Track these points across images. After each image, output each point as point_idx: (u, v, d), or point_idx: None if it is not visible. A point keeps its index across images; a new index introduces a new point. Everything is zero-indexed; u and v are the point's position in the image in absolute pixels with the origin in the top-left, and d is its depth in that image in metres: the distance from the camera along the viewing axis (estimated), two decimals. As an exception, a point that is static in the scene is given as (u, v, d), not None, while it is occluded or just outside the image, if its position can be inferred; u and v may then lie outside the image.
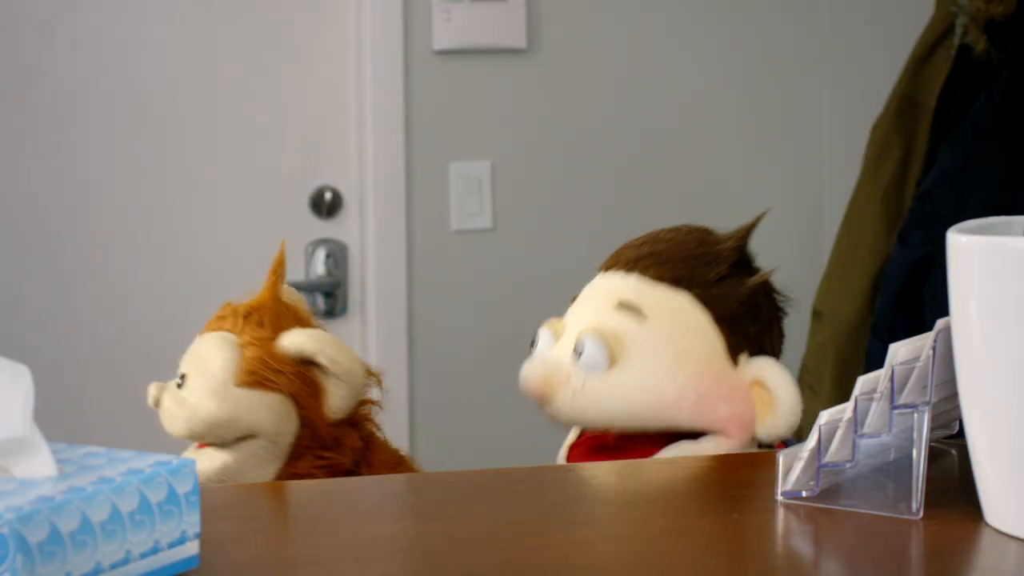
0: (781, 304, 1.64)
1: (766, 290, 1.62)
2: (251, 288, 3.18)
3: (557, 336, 1.59)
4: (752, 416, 1.56)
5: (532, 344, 1.61)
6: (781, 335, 1.65)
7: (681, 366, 1.54)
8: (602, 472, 1.43)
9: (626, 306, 1.57)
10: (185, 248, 3.07)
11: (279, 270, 1.75)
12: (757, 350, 1.59)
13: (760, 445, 1.58)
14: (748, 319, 1.59)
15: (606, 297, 1.59)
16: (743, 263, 1.61)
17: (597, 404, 1.55)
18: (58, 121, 3.00)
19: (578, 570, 1.13)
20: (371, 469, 1.62)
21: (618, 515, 1.26)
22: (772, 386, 1.56)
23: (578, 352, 1.55)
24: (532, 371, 1.57)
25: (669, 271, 1.58)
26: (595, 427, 1.58)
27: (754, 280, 1.59)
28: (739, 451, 1.55)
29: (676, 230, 1.65)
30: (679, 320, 1.56)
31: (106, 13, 3.01)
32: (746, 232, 1.62)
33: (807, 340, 3.14)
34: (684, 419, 1.54)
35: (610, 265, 1.63)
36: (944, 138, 2.92)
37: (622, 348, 1.54)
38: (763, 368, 1.57)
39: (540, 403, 1.57)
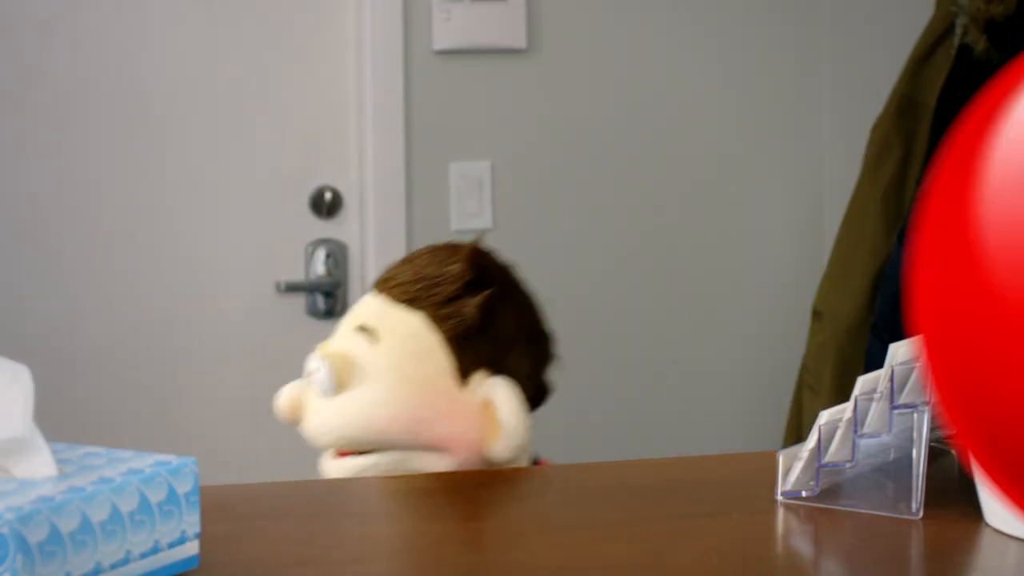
0: (534, 320, 1.68)
1: (515, 308, 1.66)
2: (250, 288, 3.18)
3: None
4: (478, 435, 1.59)
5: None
6: (536, 351, 1.69)
7: (400, 388, 1.60)
8: (602, 472, 1.43)
9: (364, 329, 1.64)
10: (185, 248, 3.07)
11: None
12: (498, 369, 1.62)
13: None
14: (483, 338, 1.63)
15: (353, 319, 1.67)
16: (479, 282, 1.65)
17: (324, 427, 1.62)
18: (58, 121, 3.00)
19: (578, 570, 1.13)
20: None
21: (618, 515, 1.26)
22: (497, 408, 1.60)
23: (312, 377, 1.63)
24: (279, 397, 1.66)
25: (406, 292, 1.65)
26: (335, 447, 1.64)
27: (477, 299, 1.62)
28: (464, 467, 1.58)
29: (432, 249, 1.72)
30: (409, 342, 1.62)
31: (106, 13, 3.01)
32: (472, 250, 1.67)
33: (807, 340, 3.14)
34: (401, 440, 1.59)
35: (373, 284, 1.70)
36: (944, 138, 2.92)
37: (351, 372, 1.61)
38: (491, 389, 1.61)
39: (295, 425, 1.66)
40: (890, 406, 1.21)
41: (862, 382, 1.22)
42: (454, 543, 1.17)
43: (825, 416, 1.23)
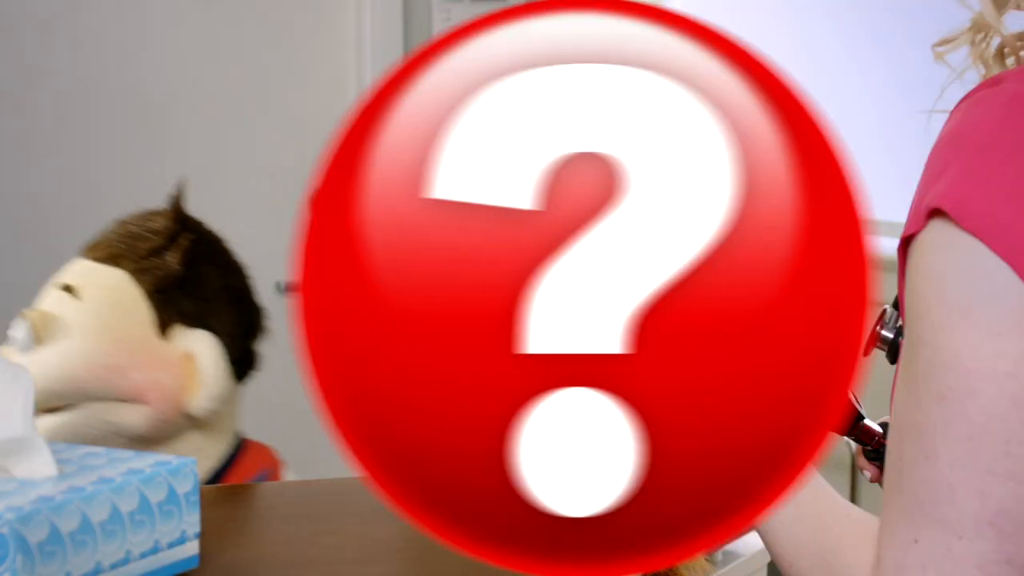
0: (241, 286, 1.71)
1: (218, 268, 1.69)
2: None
3: None
4: (176, 387, 1.62)
5: None
6: (241, 316, 1.72)
7: (96, 339, 1.62)
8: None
9: (65, 287, 1.67)
10: (185, 248, 3.07)
11: None
12: (200, 324, 1.66)
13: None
14: (183, 292, 1.66)
15: (56, 280, 1.70)
16: (181, 236, 1.68)
17: None
18: (58, 121, 3.00)
19: (578, 570, 1.13)
20: None
21: (618, 515, 1.26)
22: (196, 359, 1.63)
23: (11, 336, 1.65)
24: None
25: (108, 249, 1.69)
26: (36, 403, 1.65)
27: (176, 251, 1.65)
28: (162, 419, 1.62)
29: (138, 213, 1.75)
30: (110, 296, 1.65)
31: (106, 13, 3.01)
32: (176, 208, 1.70)
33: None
34: (97, 389, 1.61)
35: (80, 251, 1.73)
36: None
37: (48, 328, 1.63)
38: (192, 342, 1.64)
39: None
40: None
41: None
42: (454, 543, 1.17)
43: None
